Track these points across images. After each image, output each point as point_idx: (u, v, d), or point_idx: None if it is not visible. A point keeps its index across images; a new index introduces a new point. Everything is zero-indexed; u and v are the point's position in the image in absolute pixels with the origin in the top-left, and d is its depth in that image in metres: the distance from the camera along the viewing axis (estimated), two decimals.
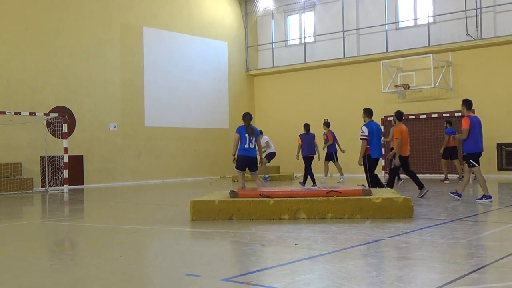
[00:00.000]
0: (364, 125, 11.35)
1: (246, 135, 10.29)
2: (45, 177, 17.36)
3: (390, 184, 11.71)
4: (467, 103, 10.69)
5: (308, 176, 15.06)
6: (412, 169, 12.24)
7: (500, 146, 18.89)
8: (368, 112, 11.60)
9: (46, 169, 17.33)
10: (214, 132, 23.13)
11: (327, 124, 17.16)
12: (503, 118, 18.84)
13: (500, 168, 18.92)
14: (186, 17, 22.57)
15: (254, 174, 10.61)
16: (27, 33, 17.70)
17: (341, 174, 17.16)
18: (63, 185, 16.53)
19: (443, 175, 17.33)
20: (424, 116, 20.01)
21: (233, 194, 8.93)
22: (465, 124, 10.40)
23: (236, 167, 10.58)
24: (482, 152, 10.77)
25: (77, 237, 8.11)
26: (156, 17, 21.46)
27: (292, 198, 8.72)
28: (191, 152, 21.41)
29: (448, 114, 19.52)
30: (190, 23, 22.70)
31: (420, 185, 11.67)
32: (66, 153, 16.53)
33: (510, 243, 6.31)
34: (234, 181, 19.82)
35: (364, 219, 8.37)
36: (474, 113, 10.92)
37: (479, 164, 10.55)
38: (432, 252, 5.93)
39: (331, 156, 16.92)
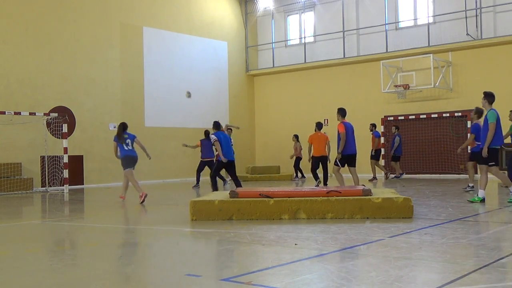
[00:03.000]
0: (213, 134, 12.63)
1: (121, 142, 12.13)
2: (45, 177, 17.36)
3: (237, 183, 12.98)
4: (342, 111, 11.99)
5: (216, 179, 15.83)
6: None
7: (500, 146, 18.85)
8: (215, 125, 12.81)
9: (46, 169, 17.33)
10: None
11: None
12: (503, 118, 18.75)
13: (500, 168, 18.86)
14: (186, 17, 22.56)
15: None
16: (27, 33, 17.70)
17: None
18: (63, 185, 16.53)
19: (371, 175, 18.41)
20: (424, 116, 20.02)
21: (233, 194, 8.93)
22: (341, 129, 11.66)
23: (124, 167, 12.20)
24: (356, 154, 12.12)
25: (77, 237, 8.10)
26: (156, 17, 21.46)
27: (292, 198, 8.72)
28: (191, 152, 21.39)
29: (448, 114, 19.54)
30: (190, 23, 22.69)
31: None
32: (66, 153, 16.53)
33: (510, 243, 6.31)
34: None
35: (364, 219, 8.36)
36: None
37: (344, 166, 11.85)
38: (432, 252, 5.93)
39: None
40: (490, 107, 10.50)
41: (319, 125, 14.97)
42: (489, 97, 10.60)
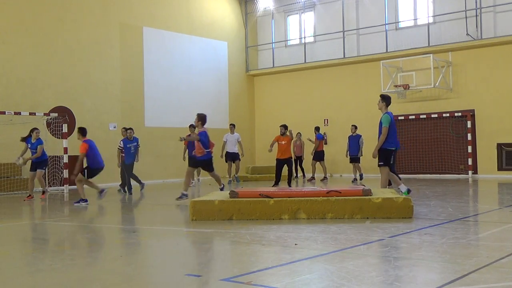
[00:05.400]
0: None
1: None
2: (45, 177, 17.31)
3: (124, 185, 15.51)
4: (83, 131, 12.44)
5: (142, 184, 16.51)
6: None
7: (500, 146, 18.89)
8: (124, 131, 15.51)
9: (46, 169, 17.27)
10: (214, 132, 23.00)
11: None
12: (503, 118, 18.84)
13: (500, 168, 18.92)
14: (186, 17, 22.55)
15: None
16: (27, 33, 17.69)
17: (194, 178, 18.91)
18: (63, 185, 16.53)
19: (311, 174, 19.27)
20: (424, 116, 20.03)
21: (233, 194, 8.93)
22: (83, 150, 12.07)
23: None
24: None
25: (77, 237, 8.10)
26: (156, 17, 21.45)
27: (292, 198, 8.72)
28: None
29: (448, 114, 19.53)
30: (190, 23, 22.69)
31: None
32: (66, 153, 16.53)
33: (510, 243, 6.31)
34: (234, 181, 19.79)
35: (364, 219, 8.36)
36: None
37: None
38: (432, 252, 5.93)
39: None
40: (387, 110, 10.60)
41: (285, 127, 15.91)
42: (387, 100, 10.80)
